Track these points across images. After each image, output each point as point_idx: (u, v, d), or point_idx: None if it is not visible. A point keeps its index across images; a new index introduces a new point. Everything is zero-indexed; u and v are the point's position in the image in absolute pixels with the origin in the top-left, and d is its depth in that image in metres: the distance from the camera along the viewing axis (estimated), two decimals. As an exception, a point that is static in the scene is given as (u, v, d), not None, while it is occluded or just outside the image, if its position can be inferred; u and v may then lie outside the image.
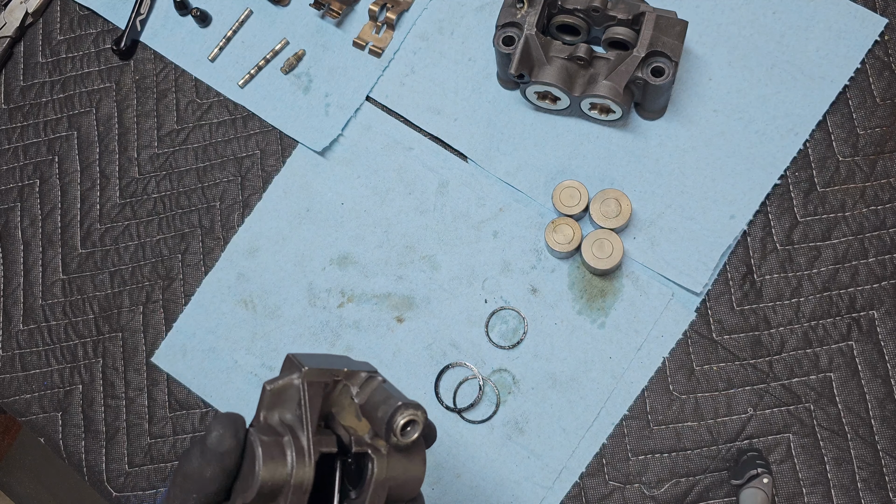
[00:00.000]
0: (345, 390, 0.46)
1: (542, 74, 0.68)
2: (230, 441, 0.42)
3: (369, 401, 0.45)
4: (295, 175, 0.78)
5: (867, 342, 0.68)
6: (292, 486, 0.42)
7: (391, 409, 0.43)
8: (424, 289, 0.74)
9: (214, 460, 0.42)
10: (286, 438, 0.43)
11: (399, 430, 0.43)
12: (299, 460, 0.42)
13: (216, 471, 0.42)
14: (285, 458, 0.42)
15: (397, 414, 0.43)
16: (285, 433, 0.43)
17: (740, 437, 0.67)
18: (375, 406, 0.44)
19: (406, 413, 0.43)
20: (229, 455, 0.42)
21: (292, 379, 0.44)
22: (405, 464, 0.45)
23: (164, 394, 0.76)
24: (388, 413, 0.43)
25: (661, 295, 0.70)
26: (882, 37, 0.72)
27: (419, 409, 0.44)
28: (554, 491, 0.68)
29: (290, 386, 0.44)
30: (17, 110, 0.86)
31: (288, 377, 0.44)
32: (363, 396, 0.45)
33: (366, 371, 0.46)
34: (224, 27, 0.83)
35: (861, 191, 0.70)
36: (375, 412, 0.44)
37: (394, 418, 0.43)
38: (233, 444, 0.43)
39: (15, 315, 0.81)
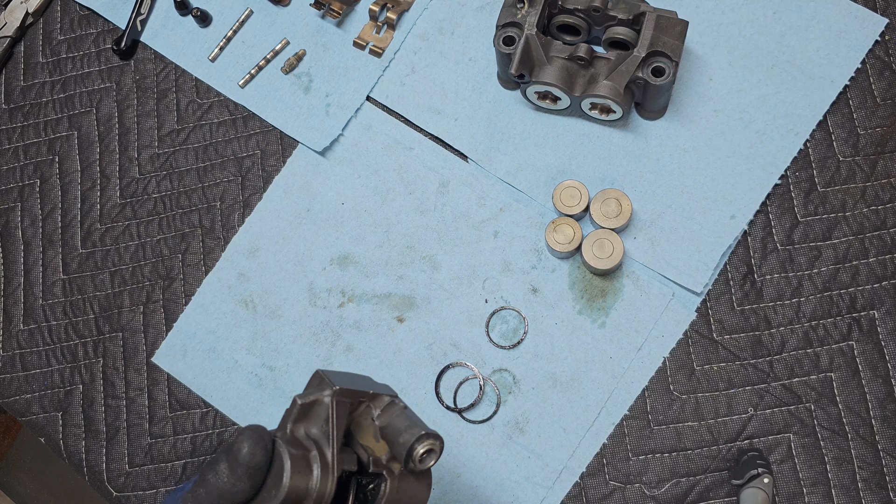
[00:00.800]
0: (366, 411, 0.48)
1: (542, 74, 0.68)
2: (261, 456, 0.43)
3: (390, 425, 0.47)
4: (295, 175, 0.78)
5: (868, 342, 0.68)
6: (314, 499, 0.44)
7: (413, 437, 0.45)
8: (425, 289, 0.74)
9: (246, 475, 0.43)
10: (313, 453, 0.45)
11: (418, 458, 0.46)
12: (323, 475, 0.44)
13: (247, 485, 0.43)
14: (311, 472, 0.44)
15: (419, 443, 0.46)
16: (311, 447, 0.45)
17: (741, 437, 0.67)
18: (397, 432, 0.46)
19: (426, 443, 0.46)
20: (260, 469, 0.44)
21: (323, 396, 0.46)
22: (414, 486, 0.48)
23: (165, 394, 0.76)
24: (410, 441, 0.45)
25: (661, 295, 0.70)
26: (882, 37, 0.72)
27: (438, 440, 0.46)
28: (554, 491, 0.68)
29: (320, 402, 0.46)
30: (17, 110, 0.86)
31: (318, 393, 0.46)
32: (384, 419, 0.47)
33: (388, 395, 0.48)
34: (224, 27, 0.83)
35: (861, 191, 0.70)
36: (397, 438, 0.46)
37: (415, 447, 0.45)
38: (264, 460, 0.44)
39: (15, 315, 0.81)
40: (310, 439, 0.45)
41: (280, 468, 0.43)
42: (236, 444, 0.44)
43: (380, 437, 0.48)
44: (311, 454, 0.45)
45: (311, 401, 0.46)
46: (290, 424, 0.46)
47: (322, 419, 0.46)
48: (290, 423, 0.46)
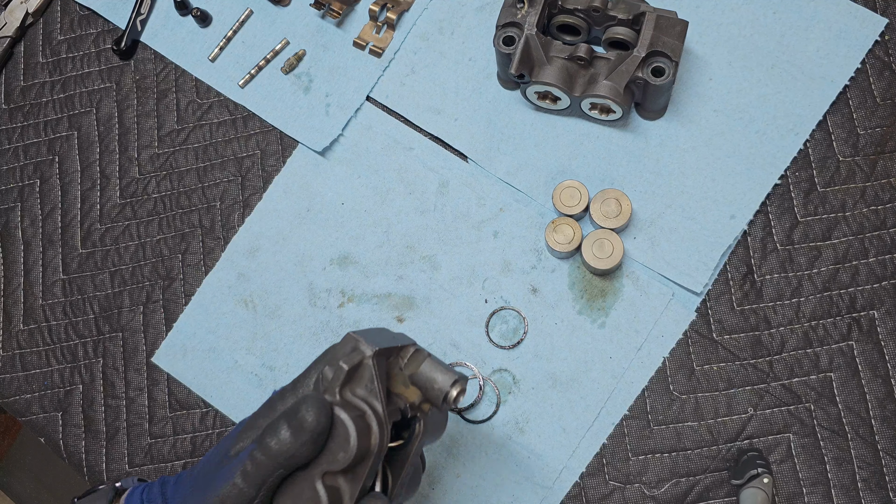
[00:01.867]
0: (394, 362, 0.52)
1: (542, 74, 0.68)
2: (325, 422, 0.47)
3: (420, 373, 0.52)
4: (295, 175, 0.78)
5: (867, 342, 0.68)
6: (375, 453, 0.48)
7: (448, 382, 0.51)
8: (425, 289, 0.74)
9: (310, 440, 0.46)
10: (368, 413, 0.48)
11: (453, 400, 0.51)
12: (381, 431, 0.48)
13: (310, 449, 0.46)
14: (371, 431, 0.48)
15: (454, 387, 0.51)
16: (365, 407, 0.48)
17: (740, 437, 0.67)
18: (430, 379, 0.51)
19: (459, 385, 0.51)
20: (323, 435, 0.46)
21: (365, 357, 0.49)
22: (438, 418, 0.54)
23: (165, 394, 0.76)
24: (446, 387, 0.51)
25: (661, 295, 0.70)
26: (882, 37, 0.72)
27: (465, 380, 0.52)
28: (554, 491, 0.68)
29: (363, 364, 0.49)
30: (17, 110, 0.86)
31: (359, 356, 0.49)
32: (411, 368, 0.52)
33: (410, 345, 0.53)
34: (224, 27, 0.83)
35: (861, 191, 0.70)
36: (432, 384, 0.51)
37: (451, 391, 0.51)
38: (327, 425, 0.47)
39: (15, 315, 0.81)
40: (359, 399, 0.49)
41: (345, 431, 0.47)
42: (301, 412, 0.46)
43: (409, 384, 0.52)
44: (367, 414, 0.48)
45: (355, 364, 0.49)
46: (338, 388, 0.49)
47: (365, 379, 0.49)
48: (339, 387, 0.49)
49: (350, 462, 0.46)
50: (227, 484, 0.46)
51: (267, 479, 0.46)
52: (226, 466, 0.48)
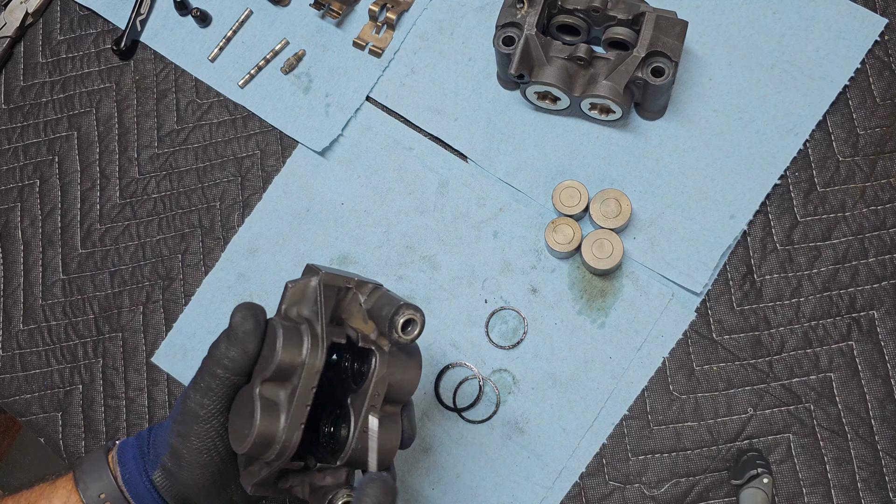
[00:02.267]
0: (354, 299, 0.52)
1: (542, 74, 0.68)
2: (251, 322, 0.49)
3: (375, 304, 0.51)
4: (295, 175, 0.78)
5: (867, 342, 0.68)
6: (305, 367, 0.48)
7: (393, 308, 0.49)
8: (424, 289, 0.74)
9: (237, 342, 0.49)
10: (303, 326, 0.49)
11: (400, 327, 0.49)
12: (314, 345, 0.48)
13: (238, 352, 0.49)
14: (302, 342, 0.48)
15: (398, 314, 0.49)
16: (303, 323, 0.49)
17: (740, 437, 0.67)
18: (381, 307, 0.50)
19: (406, 312, 0.49)
20: (250, 337, 0.49)
21: (310, 280, 0.50)
22: (404, 365, 0.51)
23: (164, 394, 0.76)
24: (391, 313, 0.49)
25: (661, 295, 0.70)
26: (882, 37, 0.72)
27: (418, 311, 0.50)
28: (554, 491, 0.68)
29: (308, 286, 0.50)
30: (17, 110, 0.86)
31: (307, 279, 0.50)
32: (370, 302, 0.51)
33: (373, 283, 0.52)
34: (224, 27, 0.83)
35: (861, 191, 0.70)
36: (380, 312, 0.50)
37: (395, 317, 0.49)
38: (253, 326, 0.49)
39: (15, 315, 0.81)
40: (302, 318, 0.50)
41: (273, 339, 0.48)
42: (232, 316, 0.49)
43: (367, 319, 0.51)
44: (302, 327, 0.49)
45: (300, 285, 0.50)
46: (283, 306, 0.50)
47: (311, 301, 0.50)
48: (284, 305, 0.50)
49: (276, 367, 0.47)
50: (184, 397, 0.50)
51: (211, 384, 0.49)
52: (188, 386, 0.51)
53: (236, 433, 0.49)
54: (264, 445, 0.48)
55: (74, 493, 0.54)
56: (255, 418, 0.47)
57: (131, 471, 0.54)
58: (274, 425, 0.48)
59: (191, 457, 0.51)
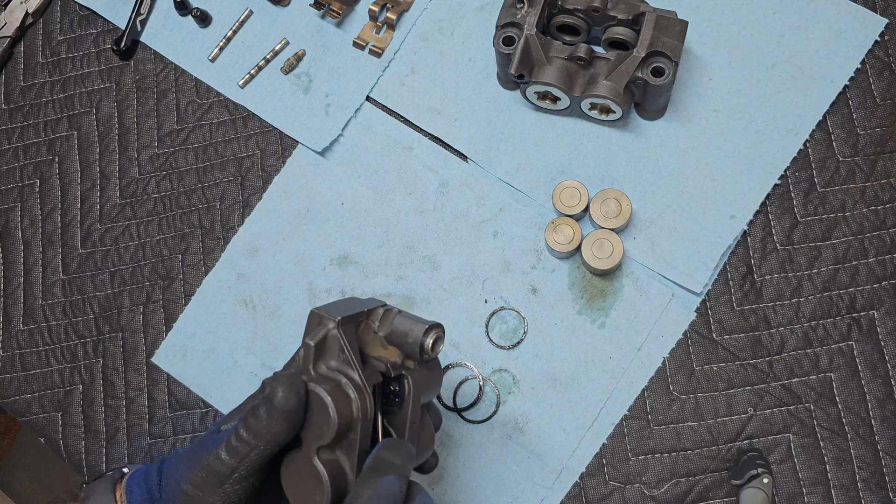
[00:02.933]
0: (366, 327, 0.52)
1: (542, 74, 0.68)
2: (295, 399, 0.47)
3: (394, 330, 0.51)
4: (295, 175, 0.78)
5: (867, 342, 0.68)
6: (360, 421, 0.47)
7: (420, 332, 0.50)
8: (424, 289, 0.74)
9: (282, 418, 0.47)
10: (343, 381, 0.48)
11: (430, 348, 0.51)
12: (360, 396, 0.48)
13: (283, 427, 0.47)
14: (350, 398, 0.48)
15: (426, 336, 0.50)
16: (339, 377, 0.48)
17: (740, 437, 0.67)
18: (403, 333, 0.51)
19: (433, 333, 0.51)
20: (295, 412, 0.47)
21: (329, 330, 0.49)
22: (429, 375, 0.53)
23: (164, 394, 0.76)
24: (419, 337, 0.50)
25: (661, 295, 0.70)
26: (882, 37, 0.72)
27: (440, 327, 0.51)
28: (554, 491, 0.68)
29: (328, 336, 0.49)
30: (17, 110, 0.86)
31: (323, 329, 0.49)
32: (385, 328, 0.52)
33: (380, 306, 0.53)
34: (224, 27, 0.83)
35: (861, 191, 0.70)
36: (406, 339, 0.51)
37: (425, 340, 0.50)
38: (297, 402, 0.47)
39: (15, 315, 0.81)
40: (333, 371, 0.49)
41: (322, 405, 0.47)
42: (271, 390, 0.47)
43: (387, 345, 0.52)
44: (343, 382, 0.48)
45: (320, 338, 0.49)
46: (310, 366, 0.49)
47: (335, 350, 0.49)
48: (311, 365, 0.49)
49: (335, 433, 0.47)
50: (211, 455, 0.48)
51: (249, 453, 0.47)
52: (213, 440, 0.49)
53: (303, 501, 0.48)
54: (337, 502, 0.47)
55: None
56: (324, 486, 0.47)
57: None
58: (342, 481, 0.47)
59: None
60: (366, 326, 0.52)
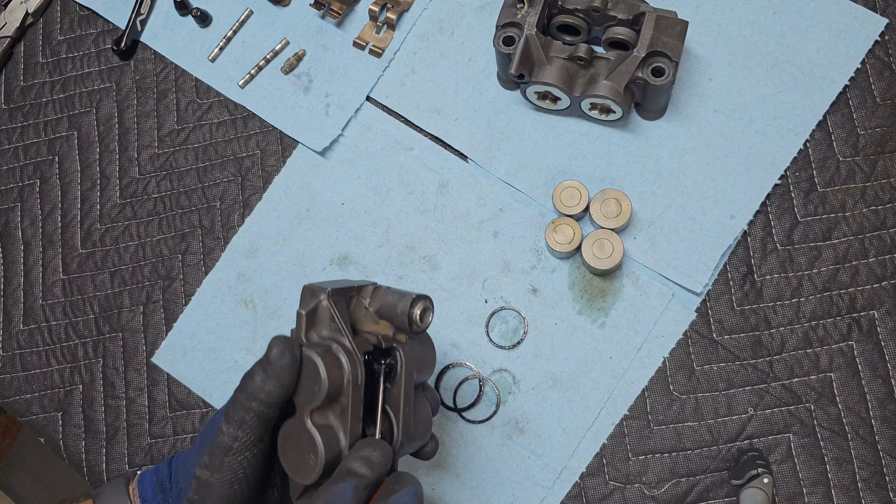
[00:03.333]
0: (358, 303, 0.54)
1: (542, 74, 0.68)
2: (289, 357, 0.49)
3: (383, 305, 0.53)
4: (295, 175, 0.78)
5: (867, 342, 0.68)
6: (351, 385, 0.49)
7: (408, 303, 0.52)
8: (424, 289, 0.74)
9: (275, 376, 0.49)
10: (335, 346, 0.50)
11: (418, 318, 0.52)
12: (351, 361, 0.49)
13: (276, 385, 0.48)
14: (341, 362, 0.49)
15: (414, 307, 0.52)
16: (330, 343, 0.50)
17: (740, 437, 0.67)
18: (392, 306, 0.52)
19: (420, 304, 0.53)
20: (288, 371, 0.49)
21: (319, 301, 0.51)
22: (421, 349, 0.55)
23: (165, 394, 0.76)
24: (407, 307, 0.52)
25: (661, 295, 0.70)
26: (882, 37, 0.72)
27: (428, 298, 0.53)
28: (554, 491, 0.68)
29: (319, 307, 0.51)
30: (17, 110, 0.86)
31: (315, 300, 0.51)
32: (375, 303, 0.53)
33: (370, 283, 0.54)
34: (224, 27, 0.83)
35: (861, 191, 0.70)
36: (394, 310, 0.52)
37: (412, 310, 0.52)
38: (290, 360, 0.49)
39: (15, 315, 0.81)
40: (325, 339, 0.51)
41: (313, 368, 0.48)
42: (268, 350, 0.49)
43: (378, 320, 0.53)
44: (334, 347, 0.50)
45: (311, 308, 0.51)
46: (303, 334, 0.51)
47: (327, 320, 0.51)
48: (303, 333, 0.51)
49: (326, 394, 0.48)
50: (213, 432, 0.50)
51: (245, 417, 0.49)
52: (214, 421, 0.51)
53: (298, 466, 0.49)
54: (331, 468, 0.48)
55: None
56: (318, 448, 0.48)
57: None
58: (335, 445, 0.48)
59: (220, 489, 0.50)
60: (357, 303, 0.54)
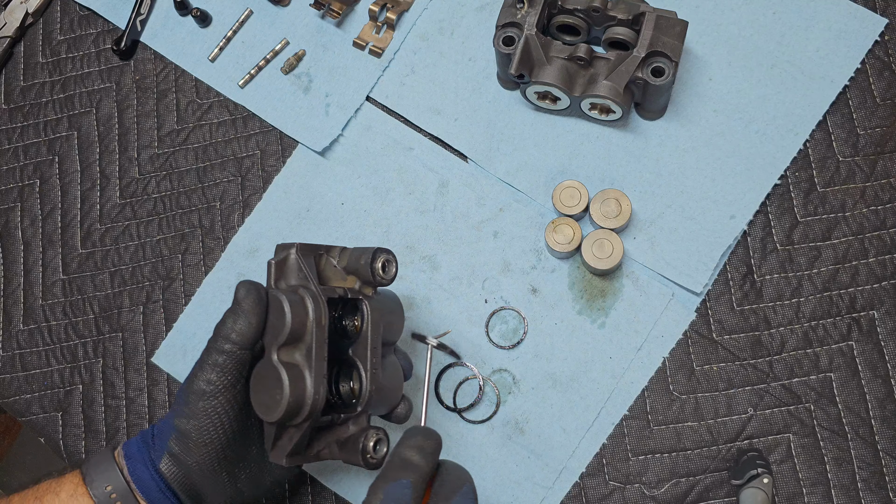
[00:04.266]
0: (328, 263, 0.57)
1: (542, 74, 0.68)
2: (254, 295, 0.52)
3: (349, 259, 0.57)
4: (295, 175, 0.78)
5: (867, 342, 0.68)
6: (315, 324, 0.52)
7: (369, 255, 0.56)
8: (424, 289, 0.74)
9: (243, 315, 0.52)
10: (301, 289, 0.53)
11: (381, 270, 0.56)
12: (315, 303, 0.52)
13: (245, 324, 0.52)
14: (306, 303, 0.52)
15: (376, 259, 0.56)
16: (297, 287, 0.54)
17: (740, 437, 0.67)
18: (357, 260, 0.57)
19: (382, 256, 0.57)
20: (255, 309, 0.52)
21: (290, 253, 0.55)
22: (389, 308, 0.59)
23: (164, 394, 0.76)
24: (369, 260, 0.56)
25: (661, 295, 0.70)
26: (882, 37, 0.72)
27: (390, 252, 0.57)
28: (554, 491, 0.68)
29: (288, 259, 0.55)
30: (17, 110, 0.86)
31: (284, 253, 0.55)
32: (343, 260, 0.57)
33: (340, 247, 0.58)
34: (224, 27, 0.83)
35: (861, 191, 0.70)
36: (358, 264, 0.56)
37: (374, 263, 0.56)
38: (256, 299, 0.52)
39: (15, 315, 0.81)
40: (292, 287, 0.54)
41: (279, 306, 0.52)
42: (235, 293, 0.53)
43: (346, 276, 0.58)
44: (300, 290, 0.53)
45: (281, 258, 0.55)
46: (272, 282, 0.55)
47: (295, 271, 0.55)
48: (272, 282, 0.55)
49: (290, 329, 0.51)
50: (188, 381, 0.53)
51: (217, 359, 0.52)
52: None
53: (266, 404, 0.51)
54: (296, 406, 0.51)
55: (81, 486, 0.55)
56: (283, 383, 0.50)
57: (137, 463, 0.55)
58: (301, 384, 0.51)
59: (198, 436, 0.52)
60: (326, 261, 0.58)
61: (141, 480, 0.54)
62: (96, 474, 0.55)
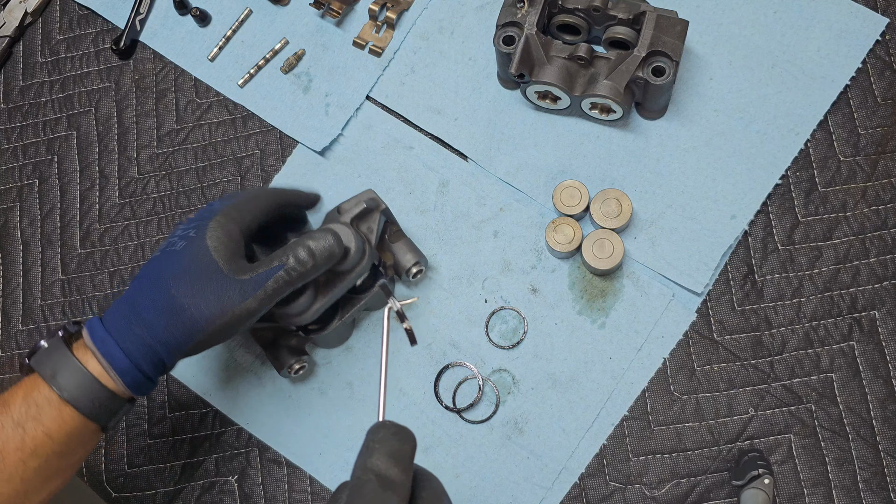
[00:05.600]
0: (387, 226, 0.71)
1: (542, 74, 0.68)
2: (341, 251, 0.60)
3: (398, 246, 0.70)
4: (295, 175, 0.78)
5: (868, 342, 0.67)
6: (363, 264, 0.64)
7: (412, 261, 0.70)
8: (424, 288, 0.74)
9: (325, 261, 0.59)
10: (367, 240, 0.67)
11: (411, 275, 0.71)
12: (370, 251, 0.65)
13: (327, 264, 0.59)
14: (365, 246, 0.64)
15: (415, 266, 0.70)
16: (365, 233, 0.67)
17: (741, 438, 0.67)
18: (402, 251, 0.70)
19: (421, 266, 0.71)
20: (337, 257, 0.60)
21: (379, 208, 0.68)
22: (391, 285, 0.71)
23: (164, 394, 0.76)
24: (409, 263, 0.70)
25: (661, 295, 0.70)
26: (883, 36, 0.72)
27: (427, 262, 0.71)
28: (554, 491, 0.68)
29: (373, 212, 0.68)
30: (16, 110, 0.86)
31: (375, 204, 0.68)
32: (393, 239, 0.71)
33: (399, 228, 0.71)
34: (224, 27, 0.83)
35: (862, 191, 0.70)
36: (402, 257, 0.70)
37: (412, 268, 0.70)
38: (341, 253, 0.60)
39: (14, 315, 0.81)
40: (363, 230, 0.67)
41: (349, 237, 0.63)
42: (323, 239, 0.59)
43: (385, 250, 0.70)
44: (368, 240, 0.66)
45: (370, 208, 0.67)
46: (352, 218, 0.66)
47: (370, 221, 0.67)
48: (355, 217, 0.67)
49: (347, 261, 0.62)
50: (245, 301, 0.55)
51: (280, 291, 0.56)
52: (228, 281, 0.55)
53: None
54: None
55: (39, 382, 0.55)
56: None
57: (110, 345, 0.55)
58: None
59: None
60: (389, 232, 0.70)
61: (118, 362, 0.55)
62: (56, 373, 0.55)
